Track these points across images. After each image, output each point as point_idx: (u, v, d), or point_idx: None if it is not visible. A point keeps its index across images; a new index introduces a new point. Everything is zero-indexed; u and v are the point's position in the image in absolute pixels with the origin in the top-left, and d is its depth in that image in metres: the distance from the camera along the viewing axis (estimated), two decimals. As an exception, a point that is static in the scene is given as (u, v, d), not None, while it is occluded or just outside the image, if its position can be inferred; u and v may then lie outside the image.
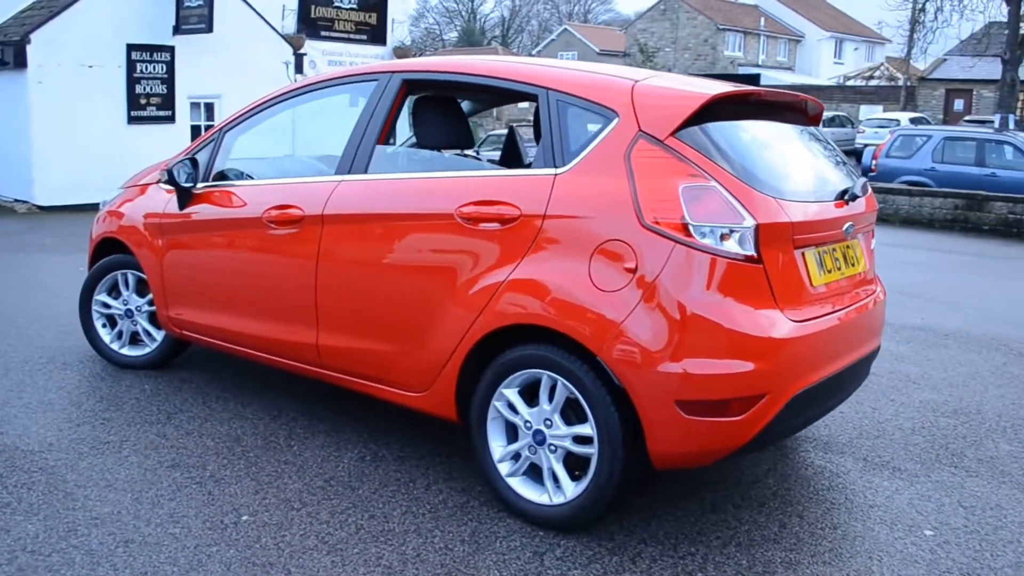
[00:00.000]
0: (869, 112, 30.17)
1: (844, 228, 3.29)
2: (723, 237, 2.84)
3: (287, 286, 3.83)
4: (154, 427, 3.97)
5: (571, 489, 3.06)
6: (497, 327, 3.12)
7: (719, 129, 3.08)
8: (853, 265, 3.40)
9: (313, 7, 15.95)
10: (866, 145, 23.82)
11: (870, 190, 3.62)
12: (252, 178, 4.27)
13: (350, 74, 4.05)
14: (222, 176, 4.28)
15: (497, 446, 3.25)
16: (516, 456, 3.21)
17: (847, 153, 20.34)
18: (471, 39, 60.96)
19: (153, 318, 4.74)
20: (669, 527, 3.19)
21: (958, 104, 30.11)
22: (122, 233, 4.68)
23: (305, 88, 4.12)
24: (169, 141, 13.30)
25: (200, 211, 4.22)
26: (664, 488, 3.49)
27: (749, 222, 2.85)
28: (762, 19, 44.83)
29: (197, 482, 3.42)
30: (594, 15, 69.03)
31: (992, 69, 23.14)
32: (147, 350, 4.79)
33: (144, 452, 3.69)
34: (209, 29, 13.04)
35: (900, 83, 31.61)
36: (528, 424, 3.13)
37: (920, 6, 23.56)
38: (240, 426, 4.02)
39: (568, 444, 3.05)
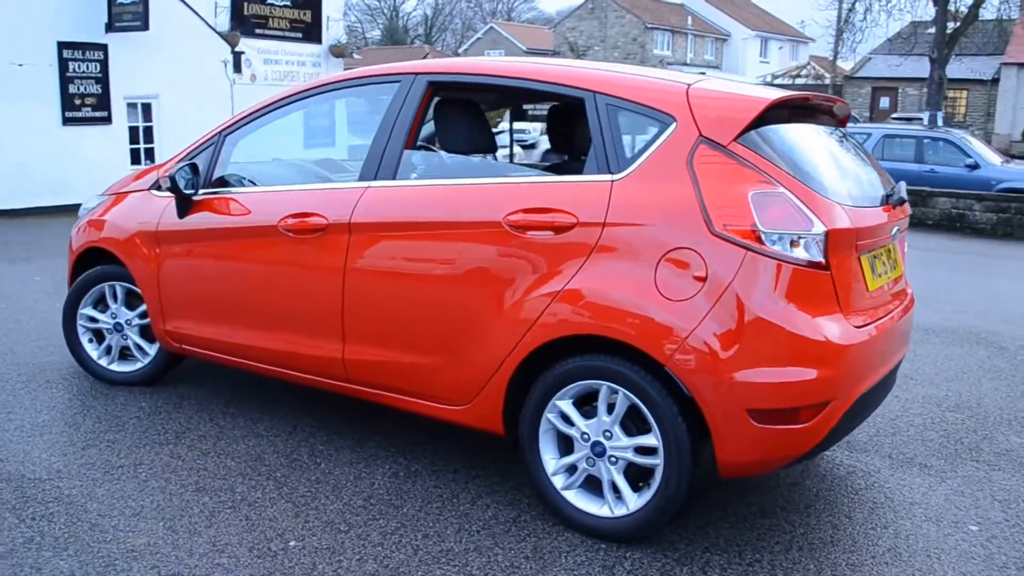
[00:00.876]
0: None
1: (893, 232, 3.30)
2: (792, 244, 2.81)
3: (308, 298, 3.67)
4: (165, 448, 3.76)
5: (634, 501, 3.00)
6: (554, 338, 3.03)
7: (773, 133, 3.06)
8: (895, 269, 3.42)
9: (246, 4, 15.47)
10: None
11: None
12: (254, 183, 4.10)
13: (366, 75, 3.88)
14: (222, 182, 4.08)
15: (549, 459, 3.16)
16: (571, 469, 3.13)
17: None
18: (394, 37, 60.37)
19: (145, 332, 4.50)
20: (727, 533, 3.16)
21: (884, 102, 31.15)
22: (110, 243, 4.42)
23: (314, 90, 3.95)
24: (107, 142, 12.85)
25: (203, 219, 4.01)
26: (711, 493, 3.46)
27: (819, 228, 2.82)
28: (689, 18, 45.65)
29: (230, 506, 3.24)
30: (517, 13, 69.21)
31: (917, 67, 23.98)
32: (139, 365, 4.54)
33: (163, 476, 3.48)
34: (145, 27, 12.57)
35: (827, 82, 32.51)
36: (585, 436, 3.05)
37: (850, 6, 24.29)
38: (257, 444, 3.83)
39: (630, 455, 2.98)
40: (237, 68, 15.14)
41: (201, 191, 4.02)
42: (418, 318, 3.37)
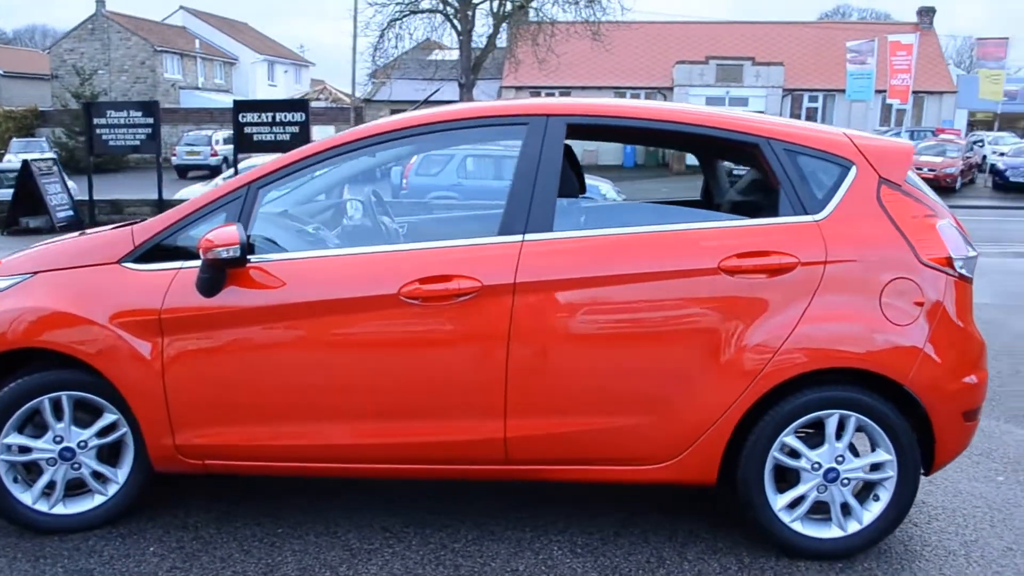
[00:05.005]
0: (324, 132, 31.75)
1: None
2: (961, 266, 3.31)
3: (448, 376, 3.15)
4: (288, 595, 2.90)
5: (866, 516, 3.23)
6: (792, 376, 3.10)
7: None
8: None
9: None
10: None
11: None
12: (282, 248, 3.37)
13: (473, 115, 3.38)
14: (249, 247, 3.25)
15: (773, 495, 3.22)
16: (796, 500, 3.23)
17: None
18: None
19: (102, 453, 3.33)
20: (893, 542, 3.51)
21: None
22: (62, 341, 3.19)
23: (391, 133, 3.38)
24: None
25: (254, 296, 3.16)
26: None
27: (972, 252, 3.36)
28: (197, 42, 44.23)
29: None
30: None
31: (443, 91, 26.63)
32: (100, 500, 3.35)
33: (355, 627, 2.72)
34: None
35: (347, 105, 33.90)
36: (816, 465, 3.19)
37: (380, 33, 26.20)
38: (383, 564, 3.14)
39: (862, 474, 3.21)
40: None
41: (271, 257, 3.22)
42: (616, 379, 3.15)
